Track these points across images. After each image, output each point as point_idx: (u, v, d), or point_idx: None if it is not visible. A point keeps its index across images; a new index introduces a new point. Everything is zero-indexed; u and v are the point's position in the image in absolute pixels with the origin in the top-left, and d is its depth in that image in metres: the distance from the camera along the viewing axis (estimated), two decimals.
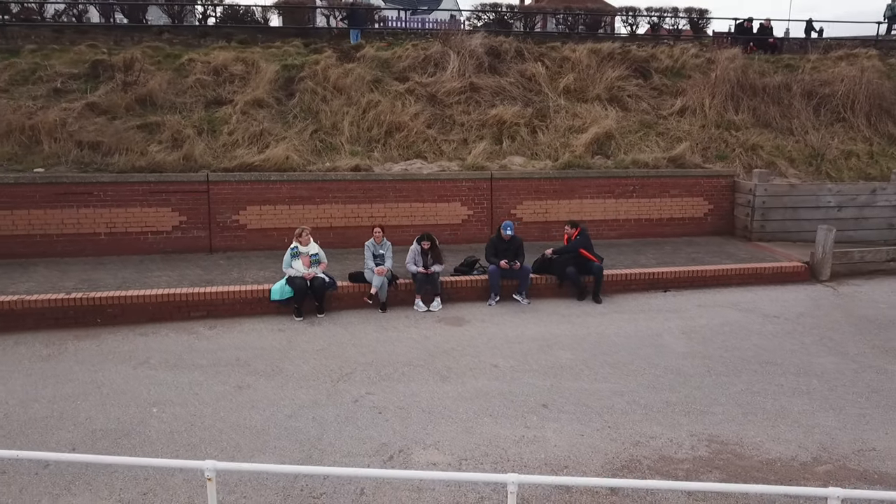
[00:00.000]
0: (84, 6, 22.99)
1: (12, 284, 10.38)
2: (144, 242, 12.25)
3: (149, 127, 13.70)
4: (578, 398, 7.60)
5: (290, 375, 8.16)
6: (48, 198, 11.86)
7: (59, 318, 9.62)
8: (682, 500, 5.62)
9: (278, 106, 14.99)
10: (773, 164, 15.24)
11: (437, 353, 8.90)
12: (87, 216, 12.01)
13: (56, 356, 8.74)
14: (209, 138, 13.72)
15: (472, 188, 13.37)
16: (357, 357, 8.73)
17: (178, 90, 15.05)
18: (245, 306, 10.20)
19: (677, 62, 18.26)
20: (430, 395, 7.63)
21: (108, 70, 15.22)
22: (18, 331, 9.44)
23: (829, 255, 12.17)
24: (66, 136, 12.90)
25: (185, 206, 12.33)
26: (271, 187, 12.62)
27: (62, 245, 11.92)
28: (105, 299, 9.81)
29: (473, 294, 11.00)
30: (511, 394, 7.70)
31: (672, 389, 7.85)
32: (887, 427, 7.00)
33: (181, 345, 9.11)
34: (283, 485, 5.67)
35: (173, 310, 9.94)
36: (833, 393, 7.80)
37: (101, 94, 14.37)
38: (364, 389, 7.79)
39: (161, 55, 16.40)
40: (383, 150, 14.29)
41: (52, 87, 14.73)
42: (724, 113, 16.41)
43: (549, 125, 15.52)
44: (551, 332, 9.65)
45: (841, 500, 3.74)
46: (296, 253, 10.23)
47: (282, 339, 9.37)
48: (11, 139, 12.80)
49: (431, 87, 15.94)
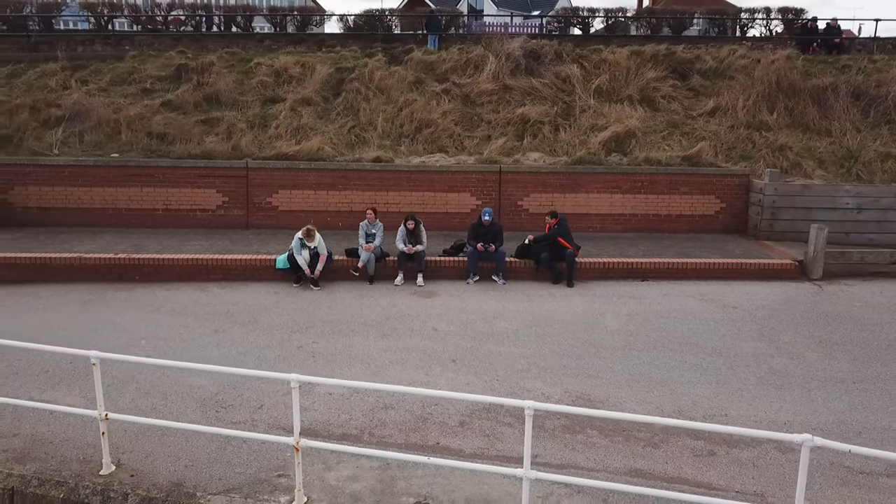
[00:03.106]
0: (201, 17, 26.28)
1: (79, 245, 12.75)
2: (193, 218, 14.39)
3: (210, 121, 15.93)
4: (487, 357, 8.62)
5: (260, 325, 9.75)
6: (119, 178, 14.29)
7: (106, 274, 11.80)
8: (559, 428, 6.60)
9: (324, 104, 16.79)
10: (798, 165, 15.13)
11: (393, 317, 10.17)
12: (148, 194, 14.34)
13: (94, 301, 10.86)
14: (259, 131, 15.73)
15: (482, 180, 14.45)
16: (323, 316, 10.18)
17: (243, 90, 17.24)
18: (254, 272, 11.94)
19: (722, 63, 18.30)
20: (363, 347, 8.94)
21: (189, 73, 17.68)
22: (74, 281, 11.70)
23: (820, 254, 12.18)
24: (140, 128, 15.37)
25: (227, 189, 14.37)
26: (300, 174, 14.38)
27: (127, 217, 14.31)
28: (143, 260, 11.91)
29: (455, 273, 12.13)
30: (432, 350, 8.85)
31: (577, 357, 8.67)
32: (755, 399, 7.50)
33: (190, 299, 10.98)
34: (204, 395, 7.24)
35: (196, 272, 11.86)
36: (730, 371, 8.30)
37: (178, 93, 16.81)
38: (312, 339, 9.23)
39: (235, 59, 18.72)
40: (410, 145, 15.69)
41: (142, 87, 17.41)
42: (757, 113, 16.38)
43: (572, 124, 16.27)
44: (505, 307, 10.63)
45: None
46: (303, 245, 11.66)
47: (273, 299, 11.00)
48: (98, 130, 15.42)
49: (466, 88, 17.15)
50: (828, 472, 6.10)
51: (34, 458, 6.15)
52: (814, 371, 8.29)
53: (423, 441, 6.53)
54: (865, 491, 5.84)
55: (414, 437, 6.63)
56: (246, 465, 6.07)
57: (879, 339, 9.37)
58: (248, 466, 6.05)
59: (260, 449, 6.26)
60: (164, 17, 26.46)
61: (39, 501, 5.69)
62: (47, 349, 6.14)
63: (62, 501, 5.65)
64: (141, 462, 6.08)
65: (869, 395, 7.65)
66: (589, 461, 6.23)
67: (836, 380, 8.05)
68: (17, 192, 14.38)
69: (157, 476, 5.88)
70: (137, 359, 5.93)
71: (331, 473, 5.94)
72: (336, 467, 6.03)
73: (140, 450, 6.27)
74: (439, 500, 5.59)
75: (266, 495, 5.63)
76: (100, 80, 17.62)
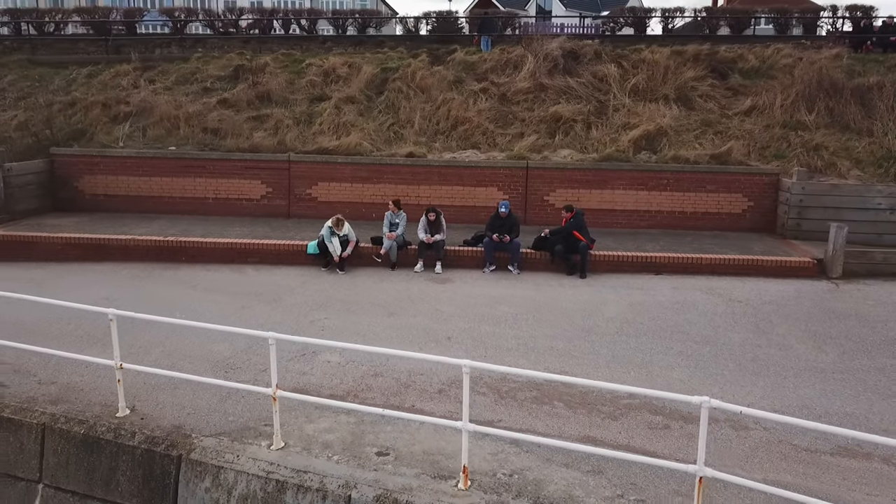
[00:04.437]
0: (268, 20, 27.76)
1: (135, 228, 14.04)
2: (239, 207, 15.53)
3: (260, 117, 17.08)
4: (480, 337, 9.20)
5: (283, 304, 10.65)
6: (174, 169, 15.59)
7: (156, 255, 13.00)
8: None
9: (367, 102, 17.67)
10: (833, 165, 14.96)
11: (404, 299, 10.89)
12: (200, 184, 15.58)
13: (142, 278, 12.04)
14: (304, 127, 16.76)
15: (509, 175, 14.99)
16: (340, 297, 11.00)
17: (293, 89, 18.34)
18: (288, 256, 12.90)
19: (765, 62, 18.17)
20: (369, 324, 9.68)
21: (245, 73, 18.92)
22: (128, 261, 12.95)
23: (840, 253, 12.14)
24: (197, 123, 16.65)
25: (271, 180, 15.44)
26: (338, 168, 15.29)
27: (181, 205, 15.59)
28: (187, 243, 13.07)
29: (473, 263, 12.73)
30: (432, 329, 9.50)
31: (567, 340, 9.14)
32: (727, 383, 7.81)
33: (226, 278, 12.01)
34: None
35: (235, 255, 12.92)
36: (712, 358, 8.60)
37: (234, 92, 18.06)
38: (325, 316, 10.04)
39: (290, 60, 19.87)
40: (444, 141, 16.37)
41: (203, 86, 18.77)
42: (795, 113, 16.24)
43: (605, 122, 16.57)
44: (513, 294, 11.17)
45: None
46: (333, 233, 12.53)
47: (299, 281, 11.91)
48: (160, 125, 16.81)
49: (503, 87, 17.70)
50: (773, 448, 6.43)
51: (65, 401, 7.17)
52: (796, 361, 8.49)
53: (400, 404, 7.19)
54: (804, 466, 6.14)
55: (394, 400, 7.30)
56: (239, 415, 6.90)
57: (878, 335, 9.42)
58: (240, 416, 6.87)
59: (254, 404, 7.06)
60: (235, 21, 28.08)
61: (64, 436, 6.67)
62: (75, 307, 7.14)
63: (82, 436, 6.61)
64: (151, 409, 7.00)
65: (843, 384, 7.82)
66: (547, 427, 6.75)
67: (817, 370, 8.24)
68: (86, 180, 15.90)
69: (163, 420, 6.78)
70: (147, 316, 6.85)
71: (310, 426, 6.69)
72: (316, 421, 6.78)
73: (153, 399, 7.20)
74: (399, 451, 6.25)
75: (251, 439, 6.43)
76: (166, 80, 19.10)
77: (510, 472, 5.92)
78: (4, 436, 6.92)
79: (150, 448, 6.37)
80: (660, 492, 5.66)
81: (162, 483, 6.30)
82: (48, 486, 6.76)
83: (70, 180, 15.91)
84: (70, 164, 15.91)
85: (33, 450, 6.80)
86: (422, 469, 5.95)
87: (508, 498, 5.54)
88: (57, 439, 6.70)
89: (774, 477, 5.84)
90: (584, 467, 5.98)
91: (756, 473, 5.89)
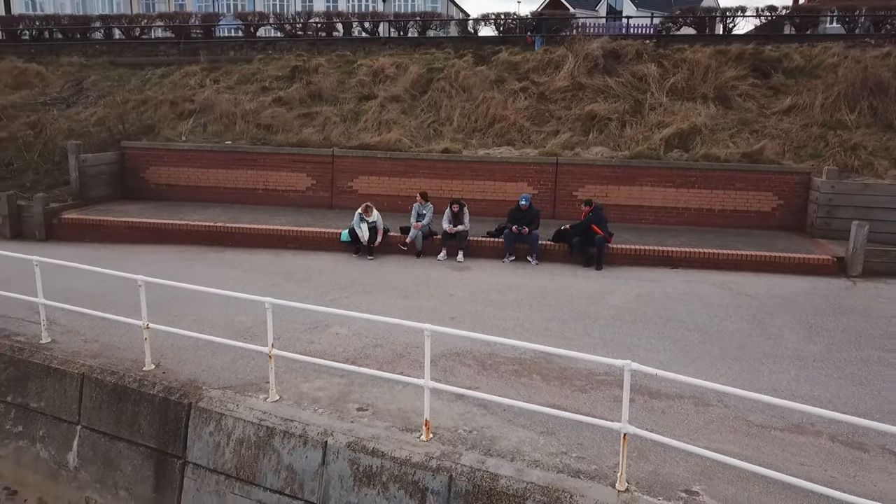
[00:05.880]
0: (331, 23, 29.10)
1: (191, 215, 15.36)
2: (286, 198, 16.66)
3: (310, 115, 18.19)
4: (482, 318, 9.84)
5: (310, 283, 11.59)
6: (229, 162, 16.86)
7: (207, 239, 14.24)
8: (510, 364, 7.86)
9: (411, 101, 18.52)
10: (870, 165, 14.76)
11: (421, 283, 11.63)
12: (251, 176, 16.80)
13: (193, 259, 13.26)
14: (350, 124, 17.76)
15: (539, 171, 15.50)
16: (364, 279, 11.85)
17: (344, 88, 19.41)
18: (324, 243, 13.87)
19: (811, 61, 17.96)
20: (383, 304, 10.47)
21: (300, 73, 20.13)
22: (183, 244, 14.24)
23: (860, 251, 12.11)
24: (252, 120, 17.92)
25: (315, 173, 16.49)
26: (377, 162, 16.19)
27: (233, 195, 16.86)
28: (234, 228, 14.25)
29: (495, 253, 13.35)
30: (440, 310, 10.21)
31: (562, 323, 9.67)
32: (705, 366, 8.16)
33: (265, 261, 13.08)
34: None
35: (275, 240, 14.00)
36: (700, 345, 8.95)
37: (288, 91, 19.27)
38: (345, 295, 10.91)
39: (343, 61, 20.97)
40: (481, 138, 17.03)
41: (262, 85, 20.09)
42: (835, 112, 16.06)
43: (639, 120, 16.83)
44: (525, 283, 11.74)
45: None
46: (362, 219, 13.43)
47: (330, 265, 12.84)
48: (219, 121, 18.18)
49: (543, 86, 18.19)
50: (728, 423, 6.83)
51: (103, 356, 8.28)
52: (781, 350, 8.74)
53: (391, 370, 7.92)
54: (751, 439, 6.52)
55: (386, 367, 8.03)
56: (247, 373, 7.82)
57: (877, 330, 9.51)
58: (247, 374, 7.79)
59: (262, 364, 7.92)
60: (303, 24, 29.55)
61: (98, 384, 7.76)
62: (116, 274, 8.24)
63: (113, 385, 7.67)
64: (173, 365, 8.01)
65: (819, 372, 8.06)
66: (519, 395, 7.32)
67: (798, 357, 8.48)
68: (151, 171, 17.40)
69: (181, 374, 7.76)
70: (172, 283, 7.86)
71: (306, 384, 7.54)
72: (312, 380, 7.63)
73: (177, 357, 8.22)
74: (378, 407, 7.01)
75: (252, 393, 7.32)
76: (229, 80, 20.53)
77: (471, 429, 6.58)
78: (52, 383, 8.09)
79: (166, 396, 7.36)
80: (602, 451, 6.21)
81: (175, 427, 7.27)
82: (85, 428, 7.86)
83: (137, 171, 17.46)
84: (138, 157, 17.47)
85: (74, 396, 7.92)
86: (393, 423, 6.69)
87: (462, 449, 6.21)
88: (93, 387, 7.79)
89: (718, 446, 6.23)
90: (539, 429, 6.57)
91: (701, 442, 6.32)
